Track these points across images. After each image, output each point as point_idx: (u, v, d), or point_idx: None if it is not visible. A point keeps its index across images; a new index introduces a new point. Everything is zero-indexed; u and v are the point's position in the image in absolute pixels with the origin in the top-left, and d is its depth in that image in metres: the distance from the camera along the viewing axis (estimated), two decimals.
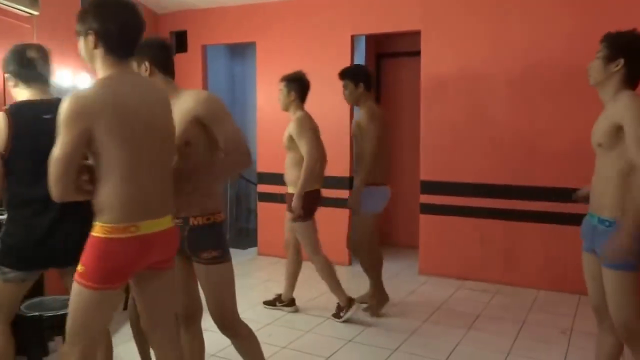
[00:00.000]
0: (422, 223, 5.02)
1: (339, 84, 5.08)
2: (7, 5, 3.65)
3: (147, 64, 2.25)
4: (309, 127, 3.74)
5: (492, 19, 4.63)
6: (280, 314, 4.00)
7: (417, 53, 5.04)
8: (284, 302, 4.09)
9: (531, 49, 4.51)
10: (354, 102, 4.03)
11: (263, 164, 5.60)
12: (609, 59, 2.28)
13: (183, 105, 2.16)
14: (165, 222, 1.97)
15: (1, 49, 1.94)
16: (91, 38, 1.87)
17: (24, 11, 3.81)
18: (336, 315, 3.86)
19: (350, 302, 3.82)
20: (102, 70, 1.91)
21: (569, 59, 4.30)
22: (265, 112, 5.51)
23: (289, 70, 3.85)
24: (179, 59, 5.82)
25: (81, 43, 1.92)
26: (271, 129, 4.25)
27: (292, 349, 3.40)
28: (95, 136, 1.78)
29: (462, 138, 4.80)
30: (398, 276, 4.99)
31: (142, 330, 2.51)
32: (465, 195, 4.80)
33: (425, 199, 4.98)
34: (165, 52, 2.34)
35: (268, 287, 4.57)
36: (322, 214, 5.25)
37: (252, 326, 3.48)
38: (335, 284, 3.82)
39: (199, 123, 2.15)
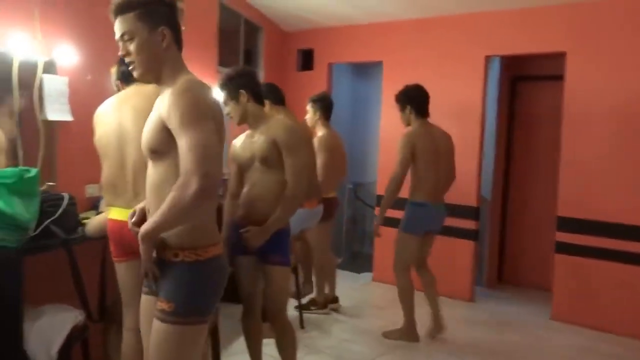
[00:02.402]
0: (558, 263, 4.50)
1: (470, 106, 4.77)
2: None
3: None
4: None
5: None
6: (396, 343, 3.74)
7: (559, 77, 4.59)
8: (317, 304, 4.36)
9: None
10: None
11: (383, 187, 5.38)
12: (402, 108, 3.85)
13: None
14: None
15: None
16: None
17: None
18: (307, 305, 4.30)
19: (325, 305, 4.35)
20: None
21: None
22: (389, 132, 5.30)
23: None
24: (304, 76, 5.85)
25: None
26: (394, 150, 4.01)
27: None
28: None
29: (609, 173, 4.26)
30: (527, 320, 4.50)
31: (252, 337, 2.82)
32: (610, 236, 4.23)
33: (562, 237, 4.47)
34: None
35: (382, 315, 4.32)
36: (447, 244, 4.93)
37: (366, 356, 3.26)
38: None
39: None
